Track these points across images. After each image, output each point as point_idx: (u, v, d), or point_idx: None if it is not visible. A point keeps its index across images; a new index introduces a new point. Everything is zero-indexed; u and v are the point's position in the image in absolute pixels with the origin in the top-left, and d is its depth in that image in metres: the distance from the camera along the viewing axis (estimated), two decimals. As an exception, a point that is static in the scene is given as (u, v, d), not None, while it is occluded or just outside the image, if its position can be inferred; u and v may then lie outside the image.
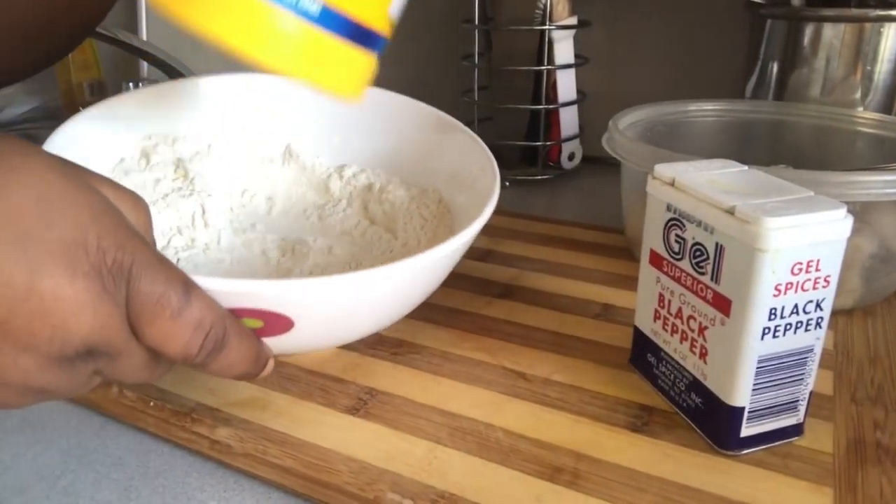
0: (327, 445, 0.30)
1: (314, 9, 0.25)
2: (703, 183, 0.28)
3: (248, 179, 0.43)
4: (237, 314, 0.26)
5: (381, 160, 0.43)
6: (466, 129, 0.41)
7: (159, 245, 0.36)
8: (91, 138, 0.36)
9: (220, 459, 0.31)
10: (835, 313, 0.39)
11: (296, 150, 0.44)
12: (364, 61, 0.27)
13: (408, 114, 0.43)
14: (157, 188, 0.39)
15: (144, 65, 0.97)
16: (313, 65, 0.26)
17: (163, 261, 0.23)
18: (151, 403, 0.32)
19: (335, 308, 0.29)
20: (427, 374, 0.34)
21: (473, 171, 0.38)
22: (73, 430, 0.33)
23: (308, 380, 0.34)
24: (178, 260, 0.36)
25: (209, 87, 0.42)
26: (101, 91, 0.94)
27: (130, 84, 0.81)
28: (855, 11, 0.50)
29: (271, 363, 0.28)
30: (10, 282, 0.20)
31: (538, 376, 0.34)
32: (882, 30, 0.50)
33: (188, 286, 0.23)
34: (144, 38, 0.96)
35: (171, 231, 0.38)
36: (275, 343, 0.28)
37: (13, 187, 0.20)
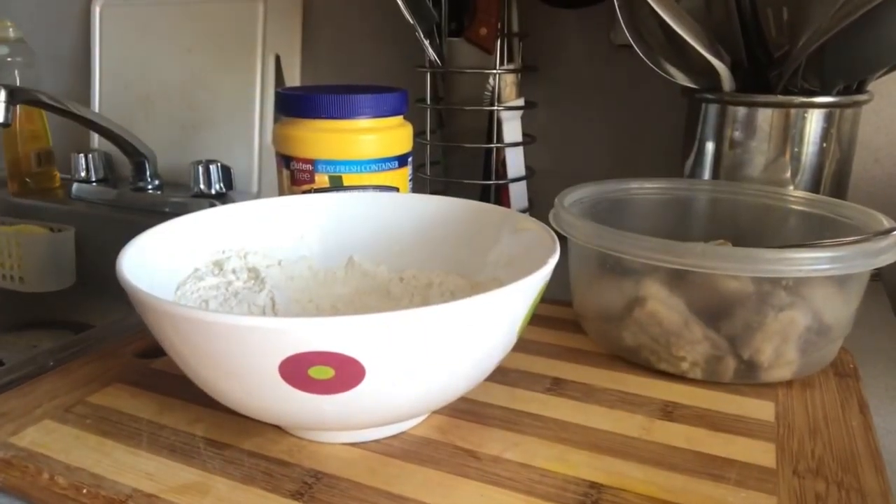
0: (270, 533, 0.28)
1: None
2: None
3: (315, 291, 0.45)
4: (306, 359, 0.26)
5: (441, 261, 0.45)
6: (521, 215, 0.43)
7: None
8: (164, 250, 0.39)
9: (155, 551, 0.29)
10: (775, 385, 0.40)
11: (358, 262, 0.46)
12: None
13: (460, 213, 0.45)
14: (230, 288, 0.42)
15: (95, 136, 0.96)
16: None
17: None
18: (84, 491, 0.31)
19: (410, 349, 0.28)
20: (374, 454, 0.34)
21: (532, 252, 0.38)
22: (-4, 522, 0.31)
23: (251, 463, 0.33)
24: None
25: (276, 207, 0.46)
26: (48, 160, 0.92)
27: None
28: (780, 98, 0.53)
29: None
30: None
31: (488, 454, 0.34)
32: (805, 115, 0.53)
33: None
34: (97, 109, 0.96)
35: None
36: (345, 404, 0.29)
37: None
